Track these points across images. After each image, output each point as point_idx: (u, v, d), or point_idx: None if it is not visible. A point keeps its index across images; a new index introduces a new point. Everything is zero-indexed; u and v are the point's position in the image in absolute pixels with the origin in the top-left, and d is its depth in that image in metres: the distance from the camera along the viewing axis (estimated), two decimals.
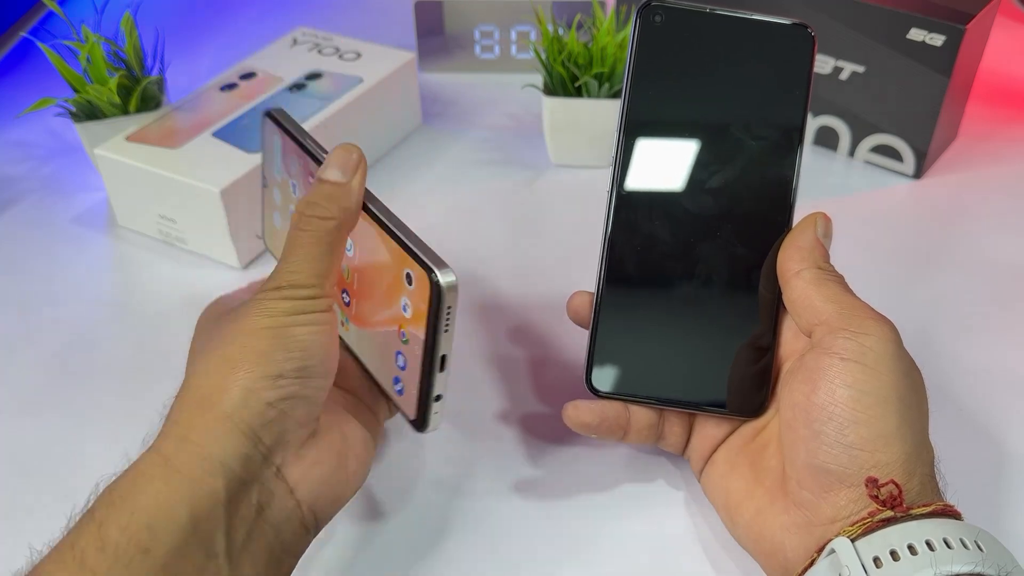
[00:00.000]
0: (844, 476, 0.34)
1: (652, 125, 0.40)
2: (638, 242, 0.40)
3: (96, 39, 0.57)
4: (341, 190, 0.37)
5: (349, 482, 0.38)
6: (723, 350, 0.40)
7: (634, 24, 0.40)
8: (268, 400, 0.34)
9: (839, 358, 0.35)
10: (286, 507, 0.35)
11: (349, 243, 0.40)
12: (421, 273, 0.36)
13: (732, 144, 0.40)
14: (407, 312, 0.38)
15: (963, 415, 0.47)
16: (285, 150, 0.43)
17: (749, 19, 0.41)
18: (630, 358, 0.40)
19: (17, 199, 0.64)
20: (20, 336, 0.53)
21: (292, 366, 0.35)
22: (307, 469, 0.36)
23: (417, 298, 0.37)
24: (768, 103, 0.40)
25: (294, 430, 0.35)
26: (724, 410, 0.39)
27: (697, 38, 0.40)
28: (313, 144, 0.41)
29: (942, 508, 0.33)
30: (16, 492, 0.44)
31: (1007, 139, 0.69)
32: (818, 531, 0.34)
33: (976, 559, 0.31)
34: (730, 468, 0.39)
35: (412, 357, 0.38)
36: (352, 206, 0.37)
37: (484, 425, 0.47)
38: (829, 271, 0.38)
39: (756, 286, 0.40)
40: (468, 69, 0.78)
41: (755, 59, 0.40)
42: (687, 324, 0.40)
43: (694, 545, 0.41)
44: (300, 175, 0.42)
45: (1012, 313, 0.53)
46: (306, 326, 0.36)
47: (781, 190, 0.40)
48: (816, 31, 0.40)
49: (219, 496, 0.33)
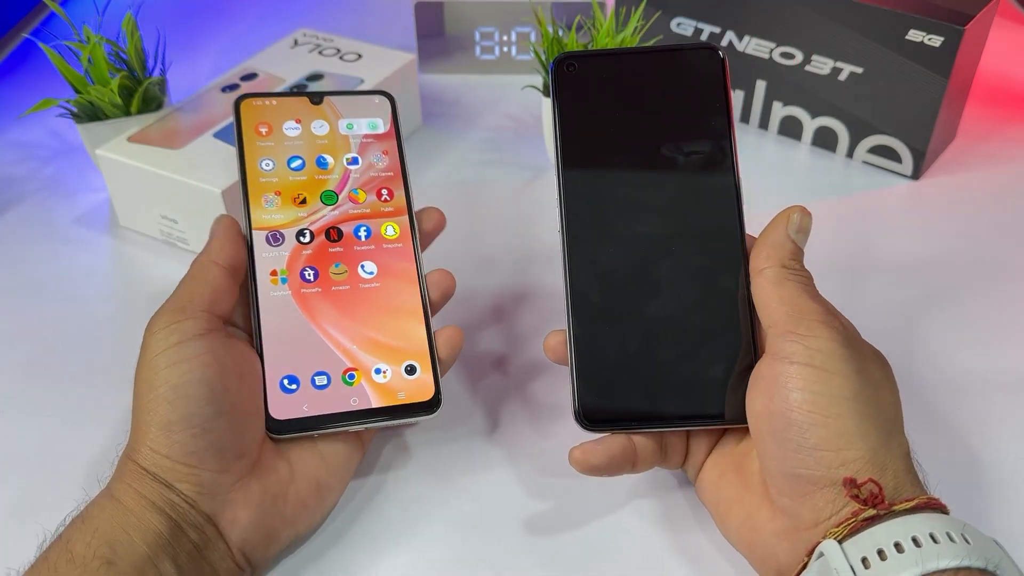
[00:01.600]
0: (815, 479, 0.34)
1: (589, 164, 0.42)
2: (599, 274, 0.40)
3: (98, 40, 0.58)
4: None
5: (287, 525, 0.38)
6: (704, 361, 0.39)
7: (551, 77, 0.42)
8: (171, 456, 0.36)
9: (788, 363, 0.35)
10: (218, 549, 0.36)
11: (373, 267, 0.44)
12: (428, 388, 0.41)
13: (668, 164, 0.41)
14: (377, 376, 0.41)
15: (958, 414, 0.47)
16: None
17: (658, 50, 0.43)
18: (614, 387, 0.39)
19: (19, 199, 0.64)
20: (21, 336, 0.53)
21: (177, 415, 0.36)
22: (235, 513, 0.37)
23: (402, 388, 0.41)
24: (693, 120, 0.42)
25: (212, 479, 0.36)
26: (719, 421, 0.39)
27: (613, 77, 0.42)
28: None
29: (925, 501, 0.33)
30: (16, 492, 0.44)
31: (1005, 140, 0.69)
32: (804, 535, 0.35)
33: (963, 553, 0.31)
34: (719, 475, 0.39)
35: (337, 398, 0.41)
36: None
37: (482, 437, 0.47)
38: (793, 270, 0.38)
39: (723, 294, 0.40)
40: (468, 70, 0.78)
41: (672, 84, 0.42)
42: (663, 342, 0.40)
43: (690, 553, 0.41)
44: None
45: (1009, 314, 0.53)
46: (176, 365, 0.36)
47: (726, 195, 0.41)
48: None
49: (160, 531, 0.35)
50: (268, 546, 0.38)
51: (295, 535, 0.39)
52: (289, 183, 0.44)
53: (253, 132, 0.45)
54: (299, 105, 0.47)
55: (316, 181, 0.45)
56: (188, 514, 0.36)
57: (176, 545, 0.35)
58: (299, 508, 0.39)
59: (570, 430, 0.40)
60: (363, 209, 0.45)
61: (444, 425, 0.46)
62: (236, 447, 0.37)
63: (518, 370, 0.50)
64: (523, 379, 0.49)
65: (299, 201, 0.44)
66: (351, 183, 0.45)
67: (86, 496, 0.38)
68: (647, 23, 0.66)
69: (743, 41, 0.66)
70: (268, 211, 0.44)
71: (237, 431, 0.37)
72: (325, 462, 0.40)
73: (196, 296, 0.39)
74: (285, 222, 0.44)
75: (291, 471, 0.39)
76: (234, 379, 0.38)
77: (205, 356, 0.37)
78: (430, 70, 0.78)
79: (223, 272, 0.40)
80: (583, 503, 0.43)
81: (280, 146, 0.45)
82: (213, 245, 0.41)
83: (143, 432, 0.36)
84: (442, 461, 0.45)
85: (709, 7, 0.66)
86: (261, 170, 0.44)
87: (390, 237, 0.44)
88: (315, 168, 0.45)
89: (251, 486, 0.37)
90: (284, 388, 0.40)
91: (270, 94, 0.47)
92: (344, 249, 0.44)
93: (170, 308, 0.39)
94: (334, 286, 0.43)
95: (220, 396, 0.37)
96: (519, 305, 0.54)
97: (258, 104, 0.46)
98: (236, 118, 0.45)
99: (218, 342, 0.38)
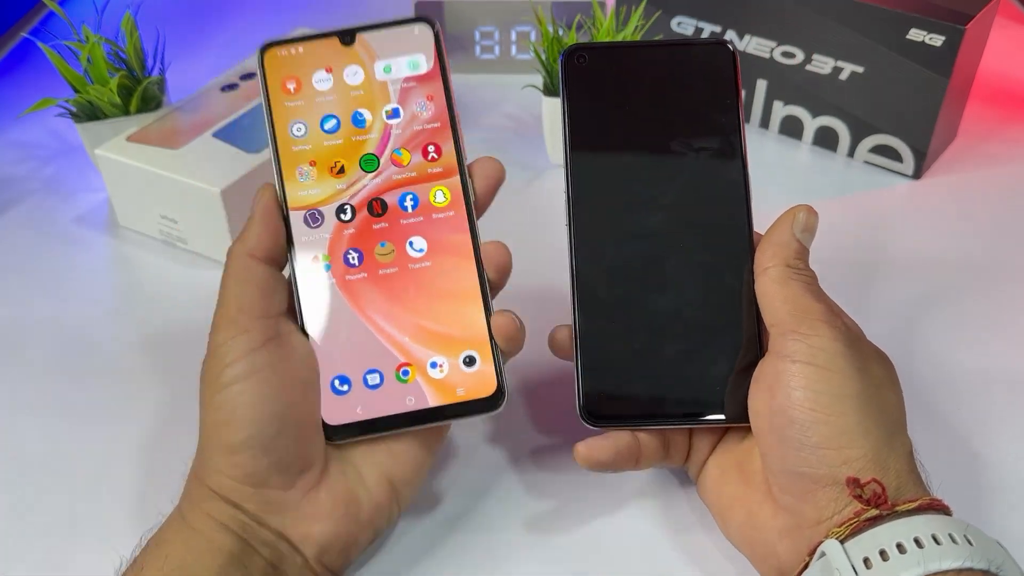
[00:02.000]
0: (817, 477, 0.34)
1: (597, 156, 0.41)
2: (605, 269, 0.40)
3: (97, 39, 0.57)
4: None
5: (365, 529, 0.37)
6: (709, 359, 0.39)
7: (560, 68, 0.42)
8: (235, 478, 0.35)
9: (790, 361, 0.35)
10: (296, 563, 0.36)
11: (423, 244, 0.40)
12: (490, 381, 0.38)
13: (676, 159, 0.41)
14: (434, 371, 0.38)
15: (958, 414, 0.47)
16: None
17: (669, 44, 0.43)
18: (618, 383, 0.39)
19: (18, 200, 0.64)
20: (21, 336, 0.53)
21: (239, 438, 0.35)
22: (308, 527, 0.36)
23: (461, 383, 0.38)
24: (703, 115, 0.41)
25: (279, 497, 0.36)
26: (722, 419, 0.39)
27: (624, 70, 0.42)
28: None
29: (928, 502, 0.33)
30: (16, 492, 0.44)
31: (1006, 139, 0.69)
32: (807, 534, 0.35)
33: (965, 554, 0.31)
34: (721, 473, 0.39)
35: (392, 399, 0.38)
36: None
37: (479, 449, 0.47)
38: (798, 269, 0.38)
39: (728, 291, 0.40)
40: (468, 70, 0.78)
41: (683, 79, 0.42)
42: (668, 339, 0.40)
43: (692, 553, 0.41)
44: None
45: (1009, 314, 0.53)
46: (233, 385, 0.35)
47: (734, 192, 0.41)
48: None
49: (231, 550, 0.34)
50: (347, 553, 0.37)
51: (375, 535, 0.38)
52: (324, 149, 0.40)
53: (280, 91, 0.40)
54: (329, 49, 0.41)
55: (354, 144, 0.40)
56: (258, 532, 0.35)
57: (248, 563, 0.35)
58: (374, 510, 0.37)
59: (571, 429, 0.40)
60: (408, 173, 0.40)
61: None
62: (301, 462, 0.36)
63: (518, 369, 0.50)
64: (524, 378, 0.49)
65: (336, 171, 0.40)
66: (393, 142, 0.40)
67: (84, 495, 0.38)
68: (647, 22, 0.66)
69: (744, 40, 0.66)
70: (304, 186, 0.40)
71: (301, 446, 0.36)
72: (395, 458, 0.38)
73: (246, 303, 0.37)
74: (323, 198, 0.39)
75: (360, 475, 0.38)
76: (297, 392, 0.36)
77: (264, 372, 0.35)
78: None
79: (267, 268, 0.38)
80: (584, 502, 0.43)
81: (311, 105, 0.40)
82: (251, 233, 0.38)
83: (208, 453, 0.36)
84: (442, 459, 0.45)
85: (710, 6, 0.66)
86: (293, 137, 0.40)
87: (440, 204, 0.40)
88: (351, 128, 0.40)
89: (320, 498, 0.36)
90: (335, 390, 0.38)
91: (296, 39, 0.41)
92: (389, 224, 0.40)
93: (224, 320, 0.37)
94: (381, 269, 0.39)
95: (281, 414, 0.35)
96: (519, 304, 0.54)
97: (284, 54, 0.40)
98: (261, 75, 0.40)
99: (276, 354, 0.36)
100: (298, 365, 0.37)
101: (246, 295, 0.37)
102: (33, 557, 0.41)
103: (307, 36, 0.41)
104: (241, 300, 0.37)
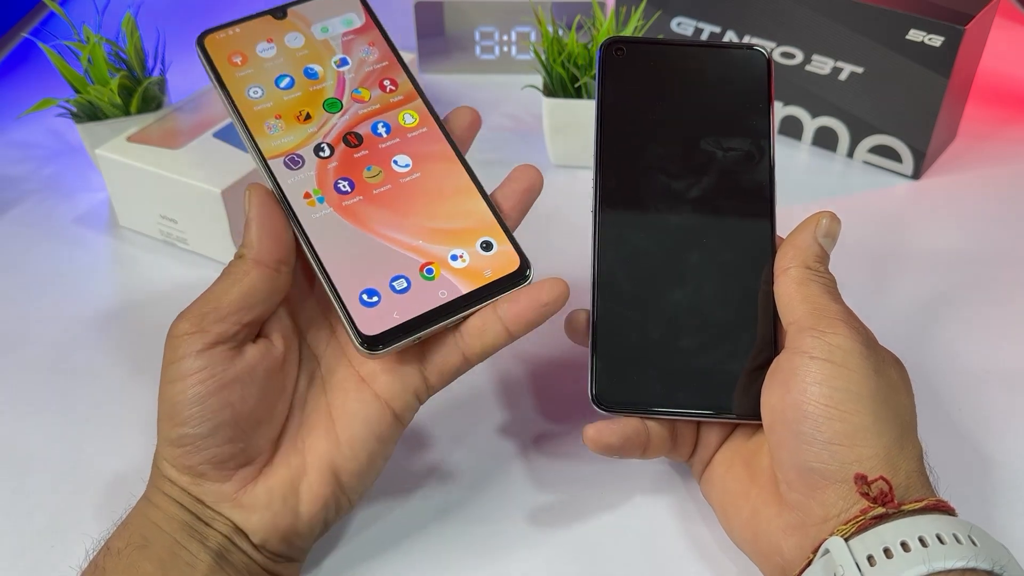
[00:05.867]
0: (827, 473, 0.34)
1: (627, 147, 0.42)
2: (628, 258, 0.41)
3: (97, 40, 0.58)
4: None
5: (305, 521, 0.38)
6: (724, 354, 0.40)
7: (598, 60, 0.43)
8: (177, 467, 0.37)
9: (808, 356, 0.35)
10: (244, 544, 0.37)
11: (407, 160, 0.41)
12: (512, 258, 0.39)
13: (706, 157, 0.42)
14: (456, 262, 0.39)
15: (961, 414, 0.47)
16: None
17: (706, 45, 0.44)
18: (632, 371, 0.40)
19: (18, 200, 0.64)
20: (21, 336, 0.53)
21: (175, 434, 0.36)
22: (245, 517, 0.37)
23: (485, 266, 0.39)
24: (735, 118, 0.42)
25: (216, 488, 0.37)
26: (734, 415, 0.39)
27: (660, 66, 0.43)
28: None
29: (934, 503, 0.33)
30: (16, 492, 0.44)
31: (1006, 140, 0.69)
32: (812, 531, 0.35)
33: (969, 554, 0.31)
34: (726, 470, 0.39)
35: (424, 296, 0.38)
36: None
37: (484, 440, 0.47)
38: (817, 271, 0.38)
39: (747, 288, 0.40)
40: (468, 70, 0.78)
41: (718, 80, 0.43)
42: (685, 332, 0.40)
43: (694, 549, 0.41)
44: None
45: (1009, 312, 0.53)
46: (177, 381, 0.36)
47: (760, 194, 0.41)
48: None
49: (185, 520, 0.36)
50: (290, 542, 0.38)
51: (323, 526, 0.39)
52: (286, 103, 0.41)
53: (228, 65, 0.42)
54: (265, 25, 0.43)
55: (312, 93, 0.42)
56: (205, 512, 0.37)
57: (202, 533, 0.36)
58: (314, 503, 0.38)
59: (576, 420, 0.40)
60: (372, 106, 0.42)
61: (445, 421, 0.46)
62: (239, 458, 0.37)
63: (519, 368, 0.50)
64: (525, 377, 0.49)
65: (303, 118, 0.41)
66: (350, 84, 0.42)
67: (84, 495, 0.38)
68: (647, 23, 0.66)
69: (743, 41, 0.66)
70: (275, 137, 0.41)
71: (236, 444, 0.37)
72: (343, 451, 0.38)
73: (222, 302, 0.37)
74: (298, 142, 0.41)
75: (304, 466, 0.38)
76: (234, 393, 0.36)
77: (202, 374, 0.36)
78: (430, 70, 0.78)
79: (262, 272, 0.37)
80: (587, 498, 0.43)
81: (262, 71, 0.42)
82: (250, 237, 0.38)
83: (159, 440, 0.37)
84: (445, 446, 0.45)
85: (710, 6, 0.66)
86: (251, 99, 0.41)
87: (411, 125, 0.42)
88: (306, 80, 0.42)
89: (256, 491, 0.37)
90: (365, 303, 0.38)
91: (230, 23, 0.43)
92: (370, 151, 0.41)
93: (189, 315, 0.37)
94: (375, 189, 0.40)
95: (214, 414, 0.36)
96: None
97: (223, 36, 0.42)
98: (205, 59, 0.42)
99: (224, 355, 0.36)
100: (241, 368, 0.37)
101: (225, 295, 0.37)
102: (34, 555, 0.41)
103: (239, 19, 0.43)
104: (219, 300, 0.37)
